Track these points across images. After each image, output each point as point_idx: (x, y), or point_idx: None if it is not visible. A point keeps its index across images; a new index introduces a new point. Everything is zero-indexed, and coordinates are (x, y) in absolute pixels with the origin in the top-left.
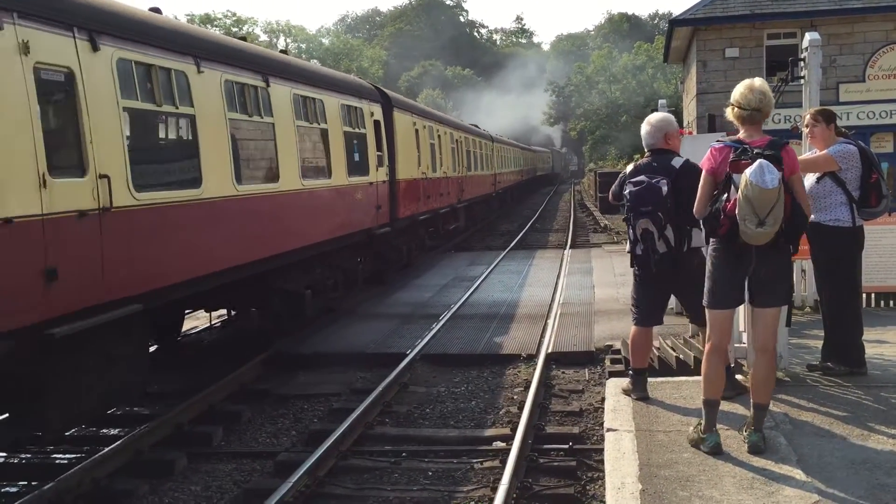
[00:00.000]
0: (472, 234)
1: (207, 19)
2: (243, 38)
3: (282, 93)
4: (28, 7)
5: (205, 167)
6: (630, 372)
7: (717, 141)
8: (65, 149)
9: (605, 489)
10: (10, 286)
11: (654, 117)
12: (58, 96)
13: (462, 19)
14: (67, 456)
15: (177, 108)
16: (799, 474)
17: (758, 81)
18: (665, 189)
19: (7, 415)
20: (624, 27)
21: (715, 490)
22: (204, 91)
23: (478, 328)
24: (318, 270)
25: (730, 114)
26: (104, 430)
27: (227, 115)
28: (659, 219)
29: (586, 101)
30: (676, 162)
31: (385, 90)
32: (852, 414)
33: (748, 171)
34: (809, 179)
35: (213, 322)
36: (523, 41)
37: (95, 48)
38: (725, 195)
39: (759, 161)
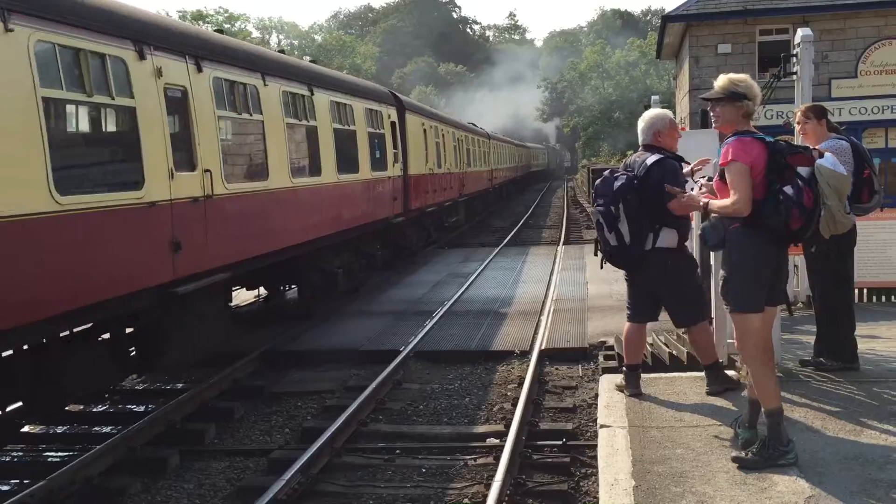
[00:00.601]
0: (465, 230)
1: (199, 16)
2: (233, 36)
3: (322, 100)
4: (161, 42)
5: (271, 163)
6: (624, 368)
7: (736, 135)
8: (182, 150)
9: (598, 485)
10: (153, 253)
11: (647, 114)
12: (177, 109)
13: (455, 15)
14: (59, 454)
15: (251, 115)
16: (792, 470)
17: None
18: (618, 183)
19: (134, 351)
20: (617, 23)
21: (708, 486)
22: (269, 100)
23: (471, 325)
24: (346, 254)
25: (749, 106)
26: (96, 428)
27: (284, 120)
28: (610, 213)
29: (579, 98)
30: (650, 160)
31: (398, 95)
32: (845, 409)
33: (826, 163)
34: (830, 159)
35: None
36: (516, 37)
37: (200, 70)
38: (791, 189)
39: (826, 152)
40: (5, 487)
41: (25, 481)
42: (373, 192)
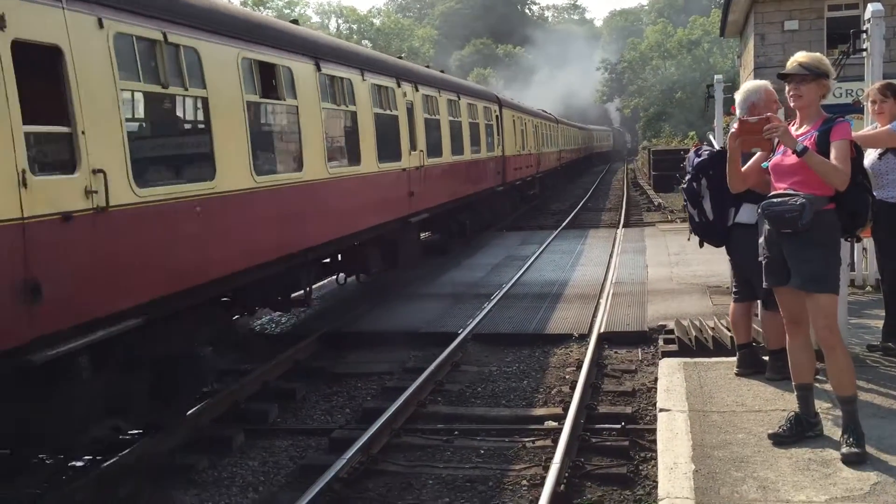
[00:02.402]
0: (523, 213)
1: (260, 2)
2: (295, 21)
3: (464, 103)
4: (369, 67)
5: (444, 147)
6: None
7: (838, 118)
8: (409, 138)
9: (657, 469)
10: (401, 198)
11: (744, 86)
12: (411, 114)
13: None
14: (131, 432)
15: (347, 107)
16: (858, 455)
17: None
18: (698, 159)
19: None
20: (679, 1)
21: (770, 471)
22: (442, 107)
23: (529, 308)
24: (465, 214)
25: (830, 85)
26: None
27: (467, 120)
28: (692, 189)
29: (640, 78)
30: None
31: (498, 95)
32: None
33: None
34: (871, 156)
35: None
36: (575, 17)
37: (318, 69)
38: (863, 177)
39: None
40: (79, 463)
41: (98, 458)
42: (486, 167)
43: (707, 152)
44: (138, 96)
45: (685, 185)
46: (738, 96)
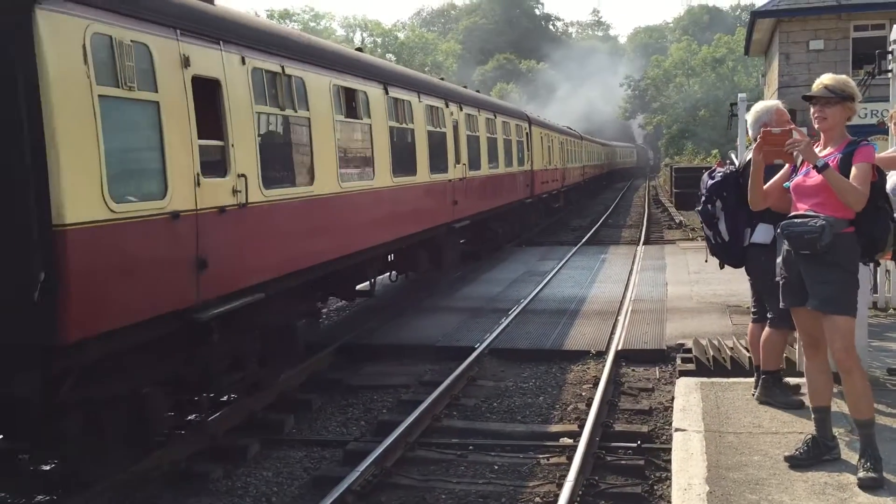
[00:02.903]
0: (544, 228)
1: (286, 14)
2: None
3: (499, 121)
4: (423, 90)
5: (418, 161)
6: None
7: (864, 141)
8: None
9: (672, 490)
10: (443, 205)
11: (755, 107)
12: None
13: (537, 12)
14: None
15: (407, 125)
16: (875, 480)
17: None
18: (713, 181)
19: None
20: (704, 19)
21: (785, 495)
22: (480, 124)
23: (547, 323)
24: (498, 223)
25: (856, 108)
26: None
27: (502, 137)
28: (707, 211)
29: (663, 95)
30: (748, 154)
31: (528, 114)
32: None
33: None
34: (894, 178)
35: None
36: (599, 34)
37: (386, 92)
38: (885, 202)
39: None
40: None
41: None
42: (517, 180)
43: (721, 174)
44: (264, 117)
45: (700, 208)
46: (749, 117)
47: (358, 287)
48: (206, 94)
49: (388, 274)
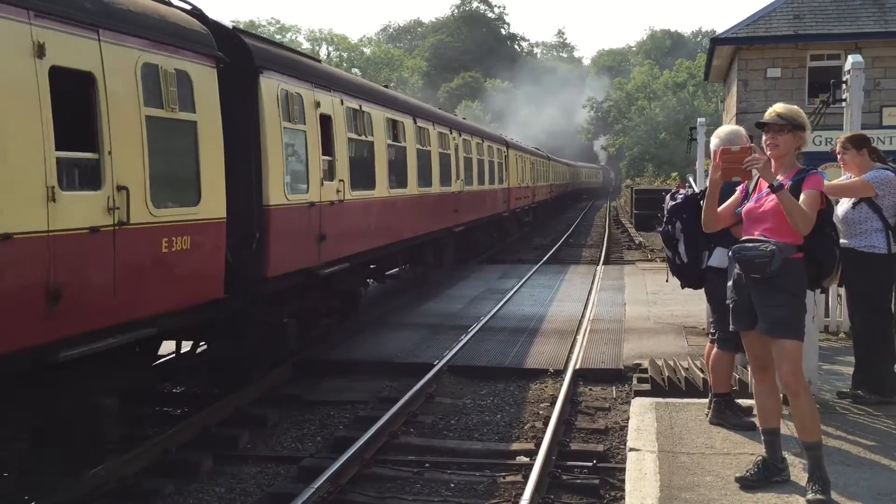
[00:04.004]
0: (504, 246)
1: (252, 26)
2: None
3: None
4: (436, 120)
5: (433, 175)
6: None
7: (813, 170)
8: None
9: None
10: (448, 214)
11: (721, 130)
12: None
13: (503, 32)
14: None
15: (426, 147)
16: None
17: None
18: (671, 203)
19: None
20: (666, 44)
21: None
22: (482, 150)
23: (506, 341)
24: (480, 231)
25: (807, 138)
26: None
27: (487, 159)
28: (668, 232)
29: (625, 118)
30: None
31: (506, 138)
32: (881, 444)
33: None
34: (845, 205)
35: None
36: (564, 55)
37: (415, 122)
38: (830, 228)
39: None
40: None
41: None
42: (497, 195)
43: (682, 196)
44: (351, 142)
45: (660, 229)
46: (714, 139)
47: (387, 272)
48: (326, 125)
49: (402, 267)
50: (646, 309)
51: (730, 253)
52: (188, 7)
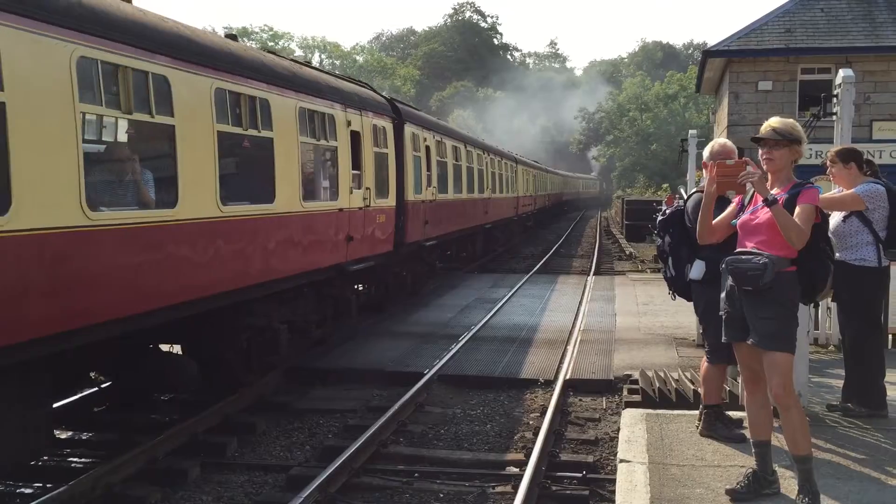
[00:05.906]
0: (496, 255)
1: (245, 33)
2: (272, 52)
3: (486, 157)
4: (469, 143)
5: (464, 183)
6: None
7: (810, 184)
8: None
9: None
10: (480, 216)
11: (714, 143)
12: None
13: (496, 42)
14: (83, 460)
15: (458, 161)
16: None
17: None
18: (660, 217)
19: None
20: (658, 55)
21: None
22: (471, 157)
23: (497, 351)
24: (499, 231)
25: (803, 151)
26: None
27: (489, 168)
28: (661, 245)
29: (616, 129)
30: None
31: (515, 155)
32: (870, 457)
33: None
34: (836, 218)
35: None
36: (556, 65)
37: (466, 148)
38: (825, 244)
39: None
40: (28, 490)
41: (48, 486)
42: (508, 202)
43: (668, 210)
44: (437, 162)
45: (658, 243)
46: (707, 152)
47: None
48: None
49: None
50: (636, 320)
51: (723, 265)
52: (386, 96)
